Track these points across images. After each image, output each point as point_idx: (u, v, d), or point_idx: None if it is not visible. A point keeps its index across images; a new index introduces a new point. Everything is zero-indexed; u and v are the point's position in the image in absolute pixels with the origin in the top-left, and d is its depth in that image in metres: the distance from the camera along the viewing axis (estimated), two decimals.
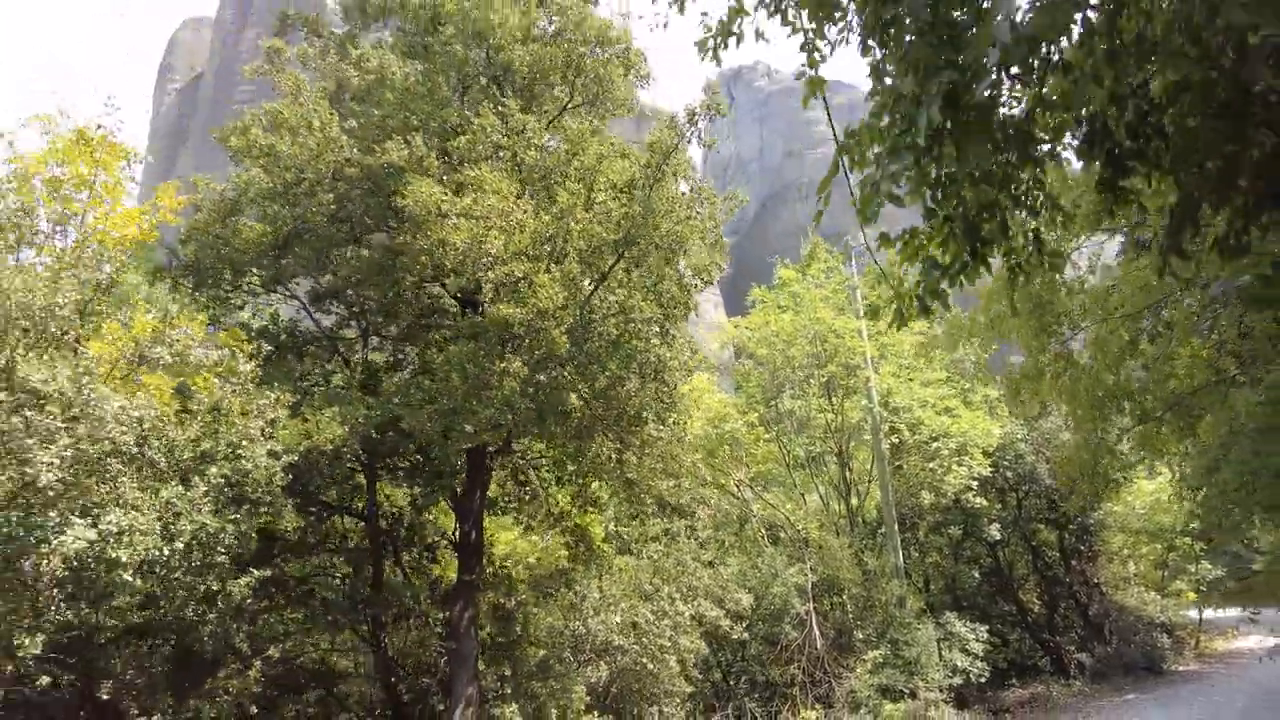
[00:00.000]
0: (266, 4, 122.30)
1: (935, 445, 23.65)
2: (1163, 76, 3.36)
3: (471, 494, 13.24)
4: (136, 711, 9.23)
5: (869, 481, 26.74)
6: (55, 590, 7.76)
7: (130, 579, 7.95)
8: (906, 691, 20.60)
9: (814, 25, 3.86)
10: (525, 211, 10.40)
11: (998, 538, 25.87)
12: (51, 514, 7.46)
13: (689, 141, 12.20)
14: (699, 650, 16.89)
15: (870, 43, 3.57)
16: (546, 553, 17.08)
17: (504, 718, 12.76)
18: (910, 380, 24.61)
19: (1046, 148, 3.71)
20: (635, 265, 11.58)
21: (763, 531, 23.89)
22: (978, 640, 23.10)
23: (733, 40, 4.11)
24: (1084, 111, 3.47)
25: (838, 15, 3.72)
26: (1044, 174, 3.63)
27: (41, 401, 7.27)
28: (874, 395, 23.20)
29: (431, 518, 14.24)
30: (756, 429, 26.93)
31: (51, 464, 7.15)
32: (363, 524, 14.03)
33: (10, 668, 7.92)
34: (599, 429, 12.44)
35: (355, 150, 12.06)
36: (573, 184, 11.48)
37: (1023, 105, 3.47)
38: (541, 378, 10.55)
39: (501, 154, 12.12)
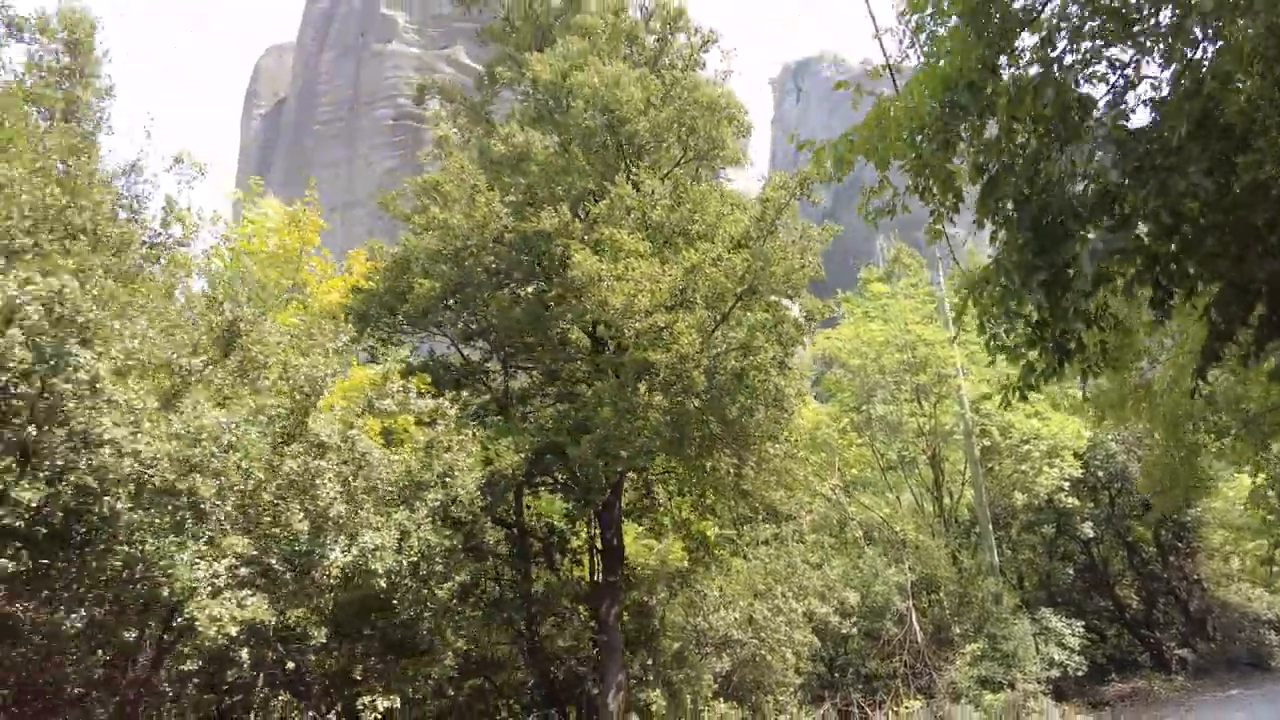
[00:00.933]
0: (342, 28, 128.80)
1: (1026, 448, 24.84)
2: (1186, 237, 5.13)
3: (611, 505, 15.44)
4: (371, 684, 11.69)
5: (962, 483, 27.97)
6: (331, 594, 10.20)
7: (382, 585, 10.36)
8: (1005, 683, 21.94)
9: (945, 203, 5.77)
10: (664, 272, 12.48)
11: (1091, 535, 26.79)
12: (328, 536, 9.88)
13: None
14: (811, 644, 18.73)
15: (986, 223, 5.47)
16: (666, 555, 19.20)
17: (649, 700, 14.95)
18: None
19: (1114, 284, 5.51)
20: (753, 308, 13.56)
21: (860, 533, 25.48)
22: (1074, 635, 24.24)
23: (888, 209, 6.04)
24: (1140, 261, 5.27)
25: (961, 202, 5.61)
26: (1110, 303, 5.42)
27: (325, 450, 9.70)
28: (965, 401, 24.52)
29: (573, 527, 16.53)
30: (849, 434, 28.52)
31: (335, 499, 9.57)
32: (513, 532, 16.41)
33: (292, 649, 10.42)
34: (719, 447, 14.43)
35: (510, 217, 14.36)
36: (699, 242, 13.53)
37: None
38: (681, 410, 12.62)
39: (632, 214, 14.22)
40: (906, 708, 21.79)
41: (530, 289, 15.29)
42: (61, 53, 12.02)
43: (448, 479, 11.50)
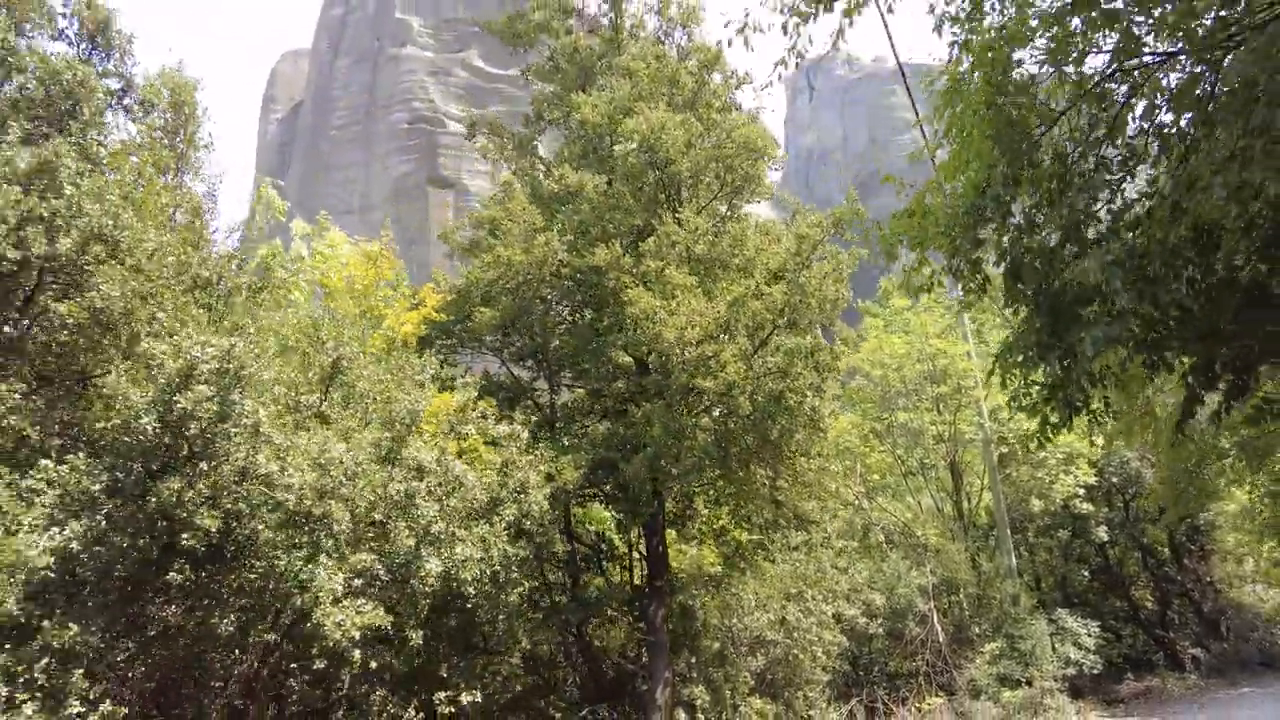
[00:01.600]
0: (357, 33, 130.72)
1: (1042, 455, 26.03)
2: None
3: (656, 515, 16.83)
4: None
5: (980, 488, 29.21)
6: (425, 600, 11.61)
7: (471, 592, 11.78)
8: (1023, 680, 23.22)
9: (973, 283, 7.10)
10: (710, 306, 13.85)
11: (1106, 539, 27.96)
12: (426, 550, 11.30)
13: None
14: (839, 644, 20.09)
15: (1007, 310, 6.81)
16: (701, 561, 20.58)
17: (693, 695, 16.35)
18: None
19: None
20: (791, 334, 14.92)
21: (883, 538, 26.80)
22: (1089, 635, 25.48)
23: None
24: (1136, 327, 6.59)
25: (989, 283, 6.96)
26: (1110, 365, 6.75)
27: (423, 473, 11.13)
28: (984, 411, 25.77)
29: (623, 535, 17.94)
30: (870, 441, 29.82)
31: (435, 517, 11.00)
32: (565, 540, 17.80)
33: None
34: (756, 462, 15.78)
35: (565, 252, 15.76)
36: (740, 276, 14.91)
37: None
38: (726, 431, 13.99)
39: (676, 248, 15.58)
40: (929, 704, 23.12)
41: (582, 317, 16.69)
42: (165, 110, 13.47)
43: (520, 495, 12.90)
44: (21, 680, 7.58)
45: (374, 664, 10.65)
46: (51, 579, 7.78)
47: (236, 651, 10.24)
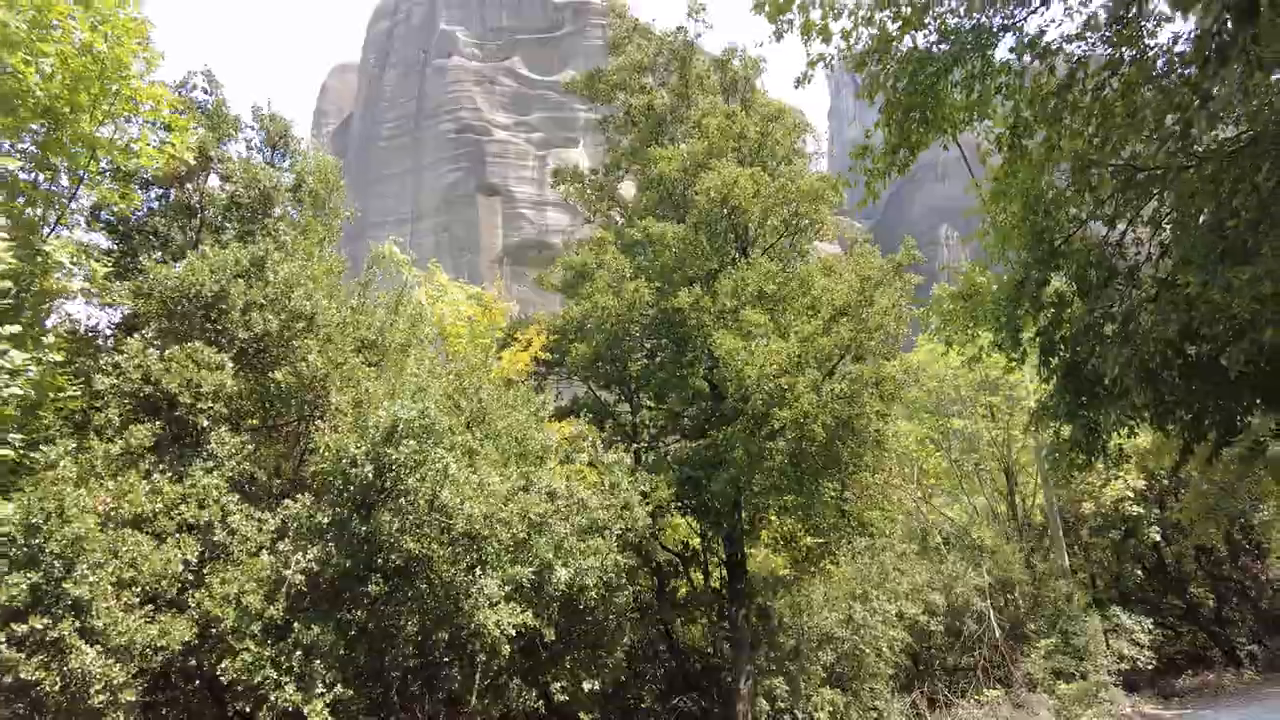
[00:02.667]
0: (404, 45, 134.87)
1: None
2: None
3: (736, 526, 19.06)
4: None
5: (1034, 489, 30.82)
6: (554, 604, 14.03)
7: (592, 595, 14.17)
8: (1077, 675, 24.92)
9: (1015, 355, 9.22)
10: (785, 344, 16.05)
11: (1158, 539, 29.34)
12: (557, 561, 13.69)
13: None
14: (902, 640, 22.11)
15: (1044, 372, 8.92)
16: (775, 566, 22.79)
17: (773, 686, 18.59)
18: None
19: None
20: (858, 361, 17.03)
21: (940, 539, 28.64)
22: (1143, 631, 27.00)
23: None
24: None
25: (1028, 355, 9.07)
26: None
27: (554, 497, 13.54)
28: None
29: (707, 544, 20.23)
30: (927, 446, 31.63)
31: (567, 534, 13.40)
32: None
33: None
34: (824, 477, 17.89)
35: (651, 294, 18.06)
36: (808, 314, 17.07)
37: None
38: (801, 453, 16.18)
39: (749, 288, 17.78)
40: (986, 696, 24.98)
41: (663, 349, 19.01)
42: (316, 187, 16.07)
43: (625, 512, 15.26)
44: (284, 666, 10.16)
45: (515, 656, 13.10)
46: (304, 591, 10.35)
47: (410, 648, 12.75)
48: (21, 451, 9.42)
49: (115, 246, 13.26)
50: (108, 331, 13.07)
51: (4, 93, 9.45)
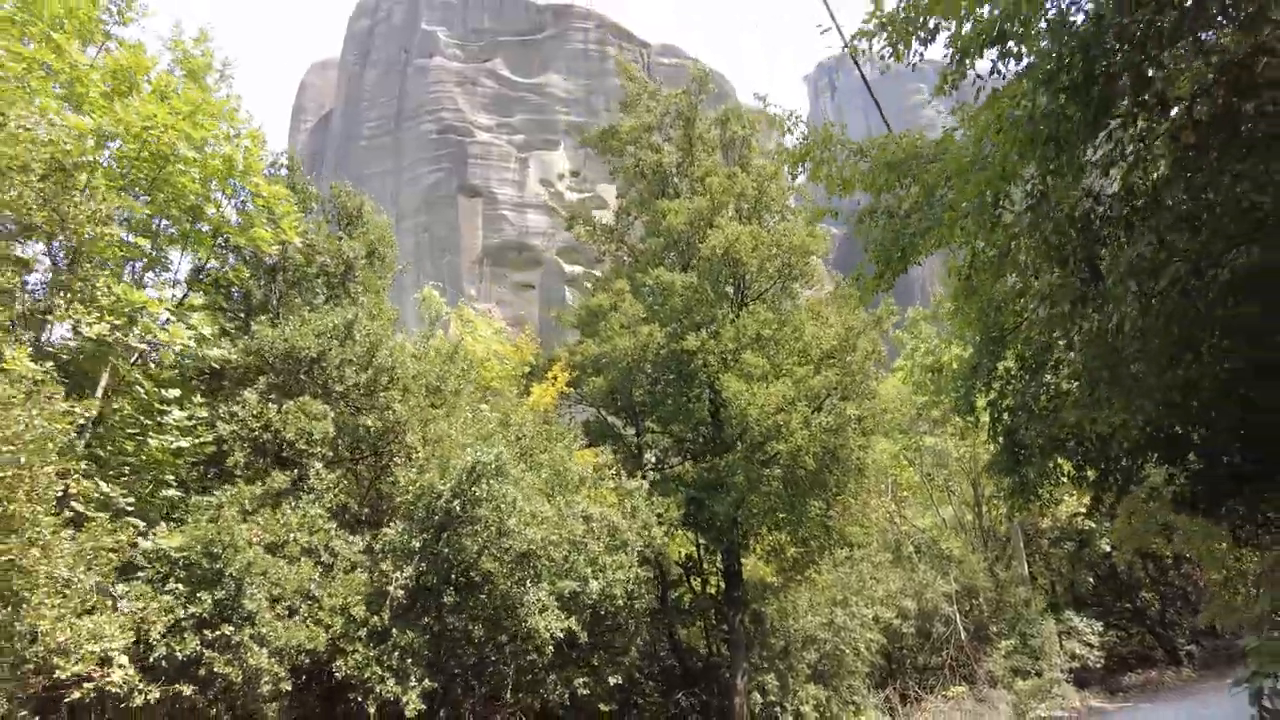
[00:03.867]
0: (385, 44, 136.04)
1: None
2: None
3: (734, 541, 21.89)
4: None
5: (1000, 505, 33.99)
6: (587, 611, 16.73)
7: (620, 604, 16.90)
8: (1034, 672, 28.10)
9: (971, 419, 12.11)
10: (781, 384, 18.90)
11: (1109, 549, 32.69)
12: (591, 574, 16.40)
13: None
14: (877, 641, 25.10)
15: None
16: (760, 572, 25.64)
17: (765, 682, 21.46)
18: None
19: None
20: (844, 400, 19.92)
21: (912, 549, 31.72)
22: (1093, 633, 30.28)
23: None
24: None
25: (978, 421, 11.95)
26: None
27: (590, 520, 16.26)
28: None
29: (709, 556, 23.03)
30: (901, 461, 34.73)
31: (600, 551, 16.11)
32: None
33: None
34: (812, 498, 20.77)
35: (663, 336, 20.82)
36: (800, 357, 19.93)
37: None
38: (794, 480, 19.04)
39: (747, 332, 20.60)
40: (952, 692, 28.09)
41: (669, 383, 21.79)
42: (383, 250, 18.59)
43: (645, 532, 18.01)
44: (386, 664, 12.78)
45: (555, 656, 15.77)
46: (403, 603, 13.00)
47: (470, 648, 15.41)
48: (181, 494, 11.97)
49: (212, 304, 15.74)
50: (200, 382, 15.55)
51: (174, 197, 11.99)
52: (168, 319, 13.12)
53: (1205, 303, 6.93)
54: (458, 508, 13.36)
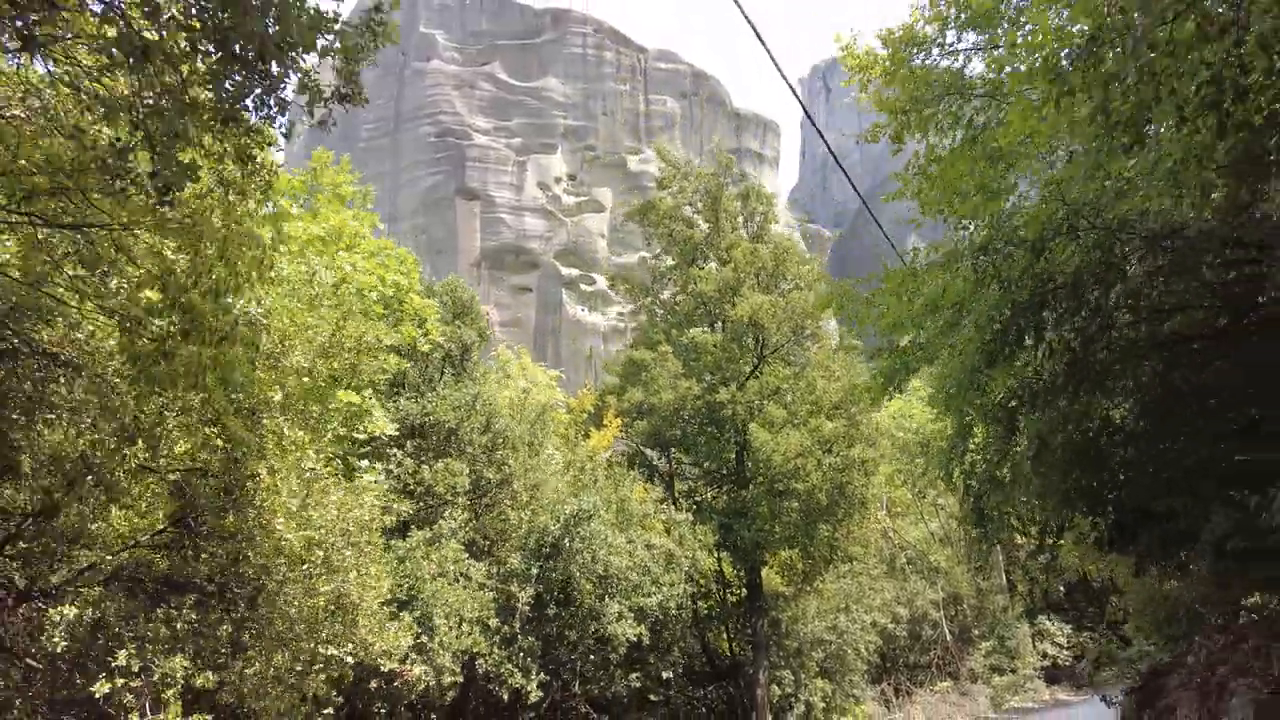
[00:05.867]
0: (381, 48, 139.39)
1: None
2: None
3: (756, 559, 26.90)
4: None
5: None
6: (648, 620, 21.69)
7: (673, 614, 21.86)
8: (1010, 669, 33.33)
9: (947, 481, 17.15)
10: (798, 433, 23.89)
11: (1077, 560, 37.95)
12: (650, 591, 21.34)
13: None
14: (875, 643, 30.24)
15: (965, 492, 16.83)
16: (772, 583, 30.71)
17: (782, 677, 26.54)
18: None
19: None
20: (849, 447, 24.94)
21: (904, 561, 36.92)
22: (1063, 635, 35.52)
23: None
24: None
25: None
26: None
27: (651, 548, 21.19)
28: None
29: (735, 573, 28.06)
30: (895, 480, 39.88)
31: (660, 573, 21.06)
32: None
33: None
34: (821, 524, 25.82)
35: (698, 388, 25.76)
36: (813, 408, 24.94)
37: None
38: (809, 512, 24.05)
39: (770, 386, 25.58)
40: (939, 686, 33.30)
41: (707, 428, 26.77)
42: (486, 330, 23.35)
43: (689, 555, 22.97)
44: (515, 662, 17.67)
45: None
46: (526, 615, 17.92)
47: (566, 648, 20.31)
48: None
49: None
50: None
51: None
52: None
53: (1085, 446, 11.98)
54: (565, 542, 18.29)
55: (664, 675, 22.66)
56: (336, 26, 6.21)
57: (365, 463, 16.79)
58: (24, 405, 8.18)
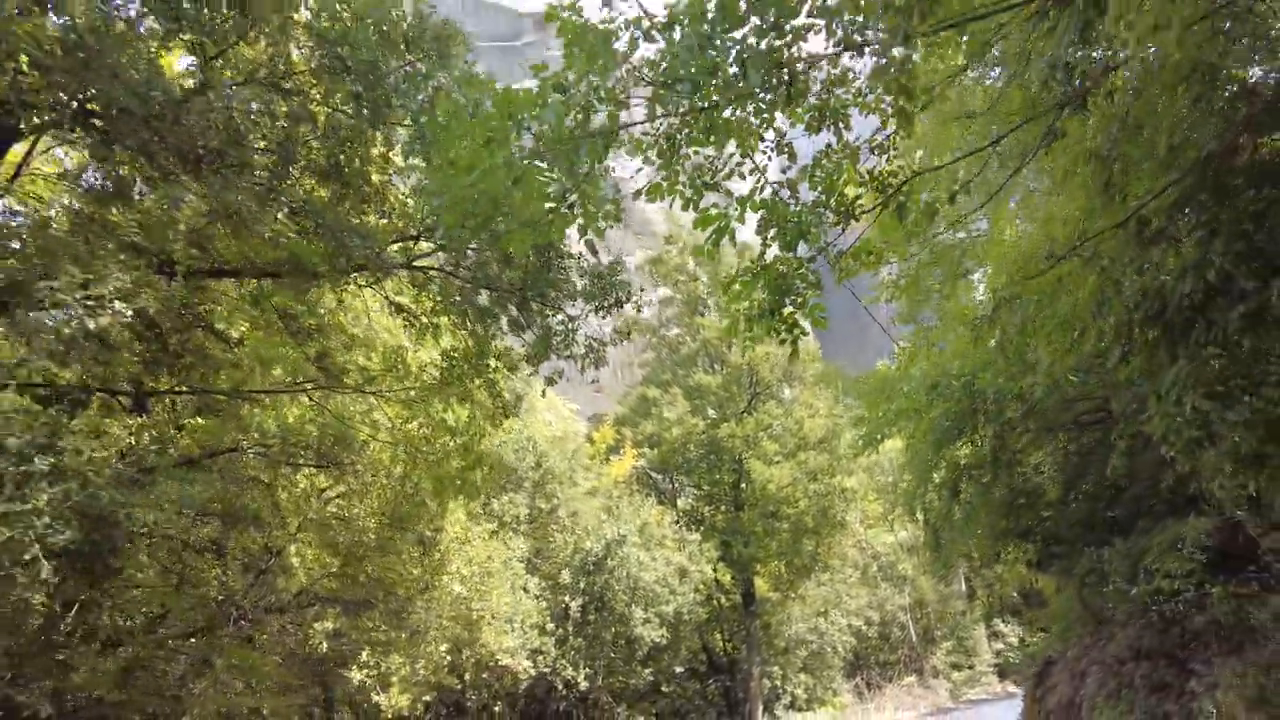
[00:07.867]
0: None
1: None
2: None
3: (751, 570, 32.01)
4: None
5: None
6: (665, 622, 26.67)
7: (685, 619, 26.89)
8: (967, 666, 38.85)
9: (925, 518, 22.34)
10: (789, 465, 28.99)
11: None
12: (671, 596, 26.34)
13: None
14: (850, 643, 35.54)
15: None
16: (764, 592, 35.87)
17: (771, 672, 31.69)
18: None
19: None
20: (832, 476, 30.11)
21: (875, 570, 42.30)
22: (1013, 634, 41.11)
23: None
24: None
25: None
26: None
27: (669, 563, 26.17)
28: None
29: (732, 581, 33.17)
30: (868, 496, 45.24)
31: (676, 585, 26.06)
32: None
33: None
34: (806, 540, 30.97)
35: (705, 424, 30.77)
36: (800, 442, 30.07)
37: None
38: (797, 531, 29.18)
39: (761, 423, 30.67)
40: (905, 680, 38.73)
41: (708, 457, 31.80)
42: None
43: (700, 570, 27.97)
44: (568, 659, 22.53)
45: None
46: (576, 620, 22.80)
47: (602, 647, 25.18)
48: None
49: None
50: None
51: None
52: None
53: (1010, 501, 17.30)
54: (606, 560, 23.23)
55: (675, 670, 27.67)
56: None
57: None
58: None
